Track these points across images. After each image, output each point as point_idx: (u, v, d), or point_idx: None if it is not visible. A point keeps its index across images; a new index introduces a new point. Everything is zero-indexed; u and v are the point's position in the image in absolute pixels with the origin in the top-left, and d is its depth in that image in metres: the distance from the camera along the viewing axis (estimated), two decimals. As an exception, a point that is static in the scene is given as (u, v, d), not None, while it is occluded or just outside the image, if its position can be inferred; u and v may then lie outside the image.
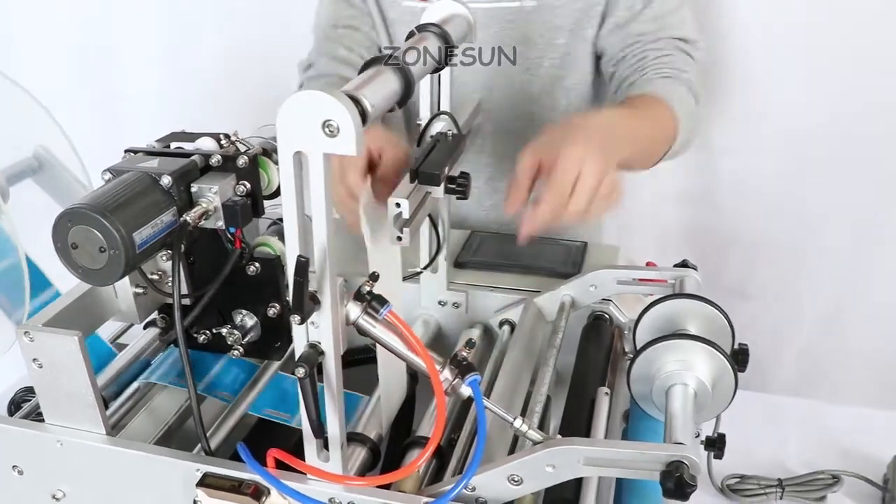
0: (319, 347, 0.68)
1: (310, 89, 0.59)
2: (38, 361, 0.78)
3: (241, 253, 0.82)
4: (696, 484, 0.66)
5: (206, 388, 0.89)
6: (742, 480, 1.11)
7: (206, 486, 0.75)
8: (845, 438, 1.20)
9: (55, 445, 0.81)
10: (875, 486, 1.10)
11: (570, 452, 0.70)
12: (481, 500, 0.73)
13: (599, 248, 1.20)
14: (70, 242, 0.72)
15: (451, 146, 0.84)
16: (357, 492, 0.73)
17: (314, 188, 0.62)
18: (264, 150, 0.82)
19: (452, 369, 0.75)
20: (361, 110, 0.62)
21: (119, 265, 0.72)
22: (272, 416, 0.89)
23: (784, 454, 1.18)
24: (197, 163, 0.80)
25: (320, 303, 0.66)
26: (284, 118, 0.60)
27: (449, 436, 0.87)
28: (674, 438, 0.74)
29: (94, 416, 0.80)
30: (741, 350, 0.89)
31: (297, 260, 0.64)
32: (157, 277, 0.84)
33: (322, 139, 0.59)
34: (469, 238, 1.22)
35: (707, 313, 0.89)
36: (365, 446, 0.84)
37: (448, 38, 0.84)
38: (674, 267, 0.98)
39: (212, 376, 0.90)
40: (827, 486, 1.10)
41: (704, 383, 0.81)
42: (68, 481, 0.83)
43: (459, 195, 0.88)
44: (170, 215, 0.76)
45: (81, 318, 0.83)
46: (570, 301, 1.02)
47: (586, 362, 0.97)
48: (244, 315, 0.86)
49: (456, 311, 1.08)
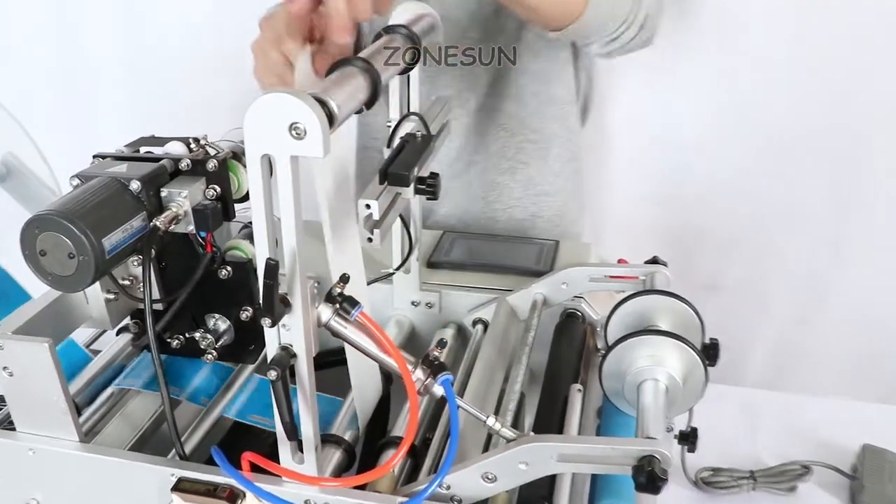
0: (291, 350, 0.68)
1: None
2: (9, 370, 0.77)
3: (213, 257, 0.80)
4: (667, 478, 0.66)
5: (180, 393, 0.88)
6: (715, 473, 1.12)
7: (181, 490, 0.74)
8: (815, 429, 1.20)
9: (27, 454, 0.80)
10: (844, 475, 1.11)
11: (543, 449, 0.69)
12: (456, 498, 0.73)
13: (571, 247, 1.19)
14: (38, 249, 0.71)
15: (420, 147, 0.83)
16: (332, 493, 0.73)
17: (283, 191, 0.62)
18: (234, 153, 0.81)
19: (425, 369, 0.74)
20: (328, 112, 0.61)
21: (89, 271, 0.71)
22: (258, 422, 0.87)
23: (756, 446, 1.18)
24: (166, 167, 0.79)
25: (291, 305, 0.66)
26: (251, 121, 0.59)
27: (424, 435, 0.87)
28: (645, 433, 0.74)
29: (66, 424, 0.78)
30: (712, 344, 0.89)
31: (266, 263, 0.63)
32: (129, 283, 0.82)
33: (289, 142, 0.59)
34: (441, 238, 1.21)
35: (677, 309, 0.88)
36: (340, 447, 0.83)
37: (416, 39, 0.83)
38: (644, 264, 0.98)
39: (185, 380, 0.89)
40: (798, 477, 1.10)
41: (675, 378, 0.81)
42: (42, 489, 0.82)
43: (429, 196, 0.87)
44: (139, 220, 0.75)
45: (52, 325, 0.82)
46: (542, 299, 1.01)
47: (559, 360, 0.96)
48: (217, 319, 0.85)
49: (429, 311, 1.07)
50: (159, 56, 1.89)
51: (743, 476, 1.10)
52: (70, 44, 1.92)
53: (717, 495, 1.11)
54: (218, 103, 1.30)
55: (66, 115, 1.97)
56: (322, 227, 0.76)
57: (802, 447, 1.16)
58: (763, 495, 1.10)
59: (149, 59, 1.90)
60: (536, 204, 1.42)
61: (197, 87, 1.87)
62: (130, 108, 1.95)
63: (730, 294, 1.78)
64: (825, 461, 1.11)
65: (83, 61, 1.94)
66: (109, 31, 1.89)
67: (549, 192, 1.43)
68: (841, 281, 1.76)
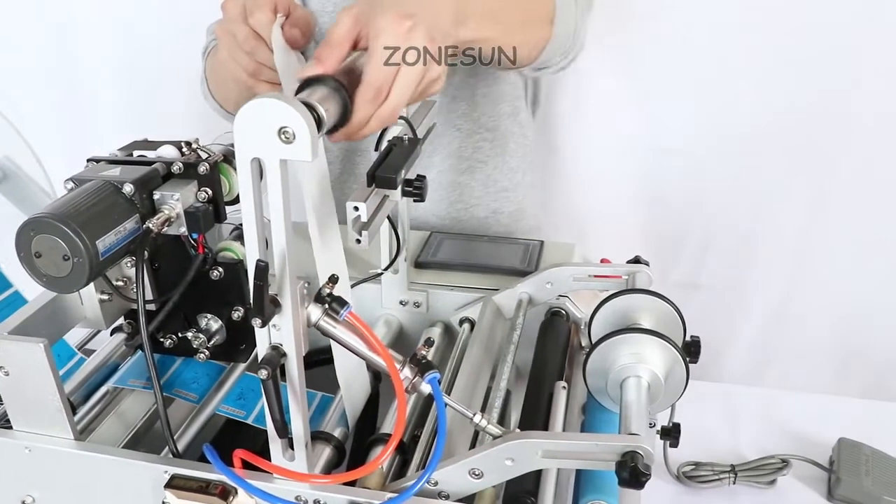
0: (281, 349, 0.68)
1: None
2: (5, 369, 0.77)
3: (205, 258, 0.81)
4: (650, 473, 0.67)
5: (173, 391, 0.88)
6: (697, 467, 1.12)
7: (174, 487, 0.75)
8: (794, 424, 1.21)
9: (23, 452, 0.80)
10: (821, 468, 1.12)
11: (529, 446, 0.70)
12: (444, 493, 0.73)
13: (556, 247, 1.20)
14: (34, 251, 0.71)
15: (407, 150, 0.84)
16: (322, 489, 0.73)
17: (272, 193, 0.62)
18: (225, 156, 0.81)
19: (412, 367, 0.74)
20: (317, 117, 0.62)
21: (83, 273, 0.71)
22: (230, 412, 0.88)
23: (736, 441, 1.19)
24: (159, 170, 0.79)
25: (281, 306, 0.66)
26: (241, 125, 0.60)
27: (412, 432, 0.87)
28: (628, 429, 0.74)
29: (61, 422, 0.79)
30: (693, 342, 0.90)
31: (256, 264, 0.64)
32: (122, 284, 0.83)
33: (278, 146, 0.59)
34: (429, 239, 1.22)
35: (659, 307, 0.89)
36: (330, 444, 0.83)
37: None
38: (627, 263, 0.99)
39: (178, 378, 0.90)
40: (777, 470, 1.11)
41: (657, 375, 0.82)
42: (38, 487, 0.82)
43: (416, 198, 0.88)
44: (133, 222, 0.76)
45: (47, 326, 0.82)
46: (527, 298, 1.02)
47: (544, 357, 0.97)
48: (209, 319, 0.86)
49: (417, 310, 1.08)
50: (152, 61, 1.88)
51: (724, 470, 1.11)
52: (65, 49, 1.91)
53: (699, 489, 1.12)
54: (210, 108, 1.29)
55: (60, 119, 1.97)
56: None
57: (781, 441, 1.17)
58: (743, 488, 1.11)
59: (142, 64, 1.89)
60: (497, 201, 1.42)
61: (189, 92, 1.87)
62: (124, 113, 1.95)
63: (710, 292, 1.79)
64: (803, 455, 1.12)
65: (78, 66, 1.93)
66: (103, 36, 1.88)
67: (509, 188, 1.43)
68: (818, 279, 1.77)
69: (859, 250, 1.72)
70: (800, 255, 1.76)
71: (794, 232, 1.74)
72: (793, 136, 1.63)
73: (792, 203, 1.70)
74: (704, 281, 1.80)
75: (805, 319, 1.82)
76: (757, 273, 1.79)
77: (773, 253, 1.76)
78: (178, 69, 1.87)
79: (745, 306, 1.83)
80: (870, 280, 1.74)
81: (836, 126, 1.62)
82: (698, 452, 1.14)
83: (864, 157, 1.64)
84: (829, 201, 1.70)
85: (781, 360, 1.85)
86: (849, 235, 1.71)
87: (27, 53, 1.91)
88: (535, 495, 0.76)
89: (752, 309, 1.83)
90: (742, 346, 1.86)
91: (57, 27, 1.89)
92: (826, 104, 1.59)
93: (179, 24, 1.84)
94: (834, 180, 1.67)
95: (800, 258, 1.76)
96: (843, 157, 1.65)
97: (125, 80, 1.93)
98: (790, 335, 1.83)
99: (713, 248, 1.77)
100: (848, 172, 1.66)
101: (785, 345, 1.84)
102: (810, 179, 1.67)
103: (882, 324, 1.78)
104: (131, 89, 1.93)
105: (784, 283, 1.79)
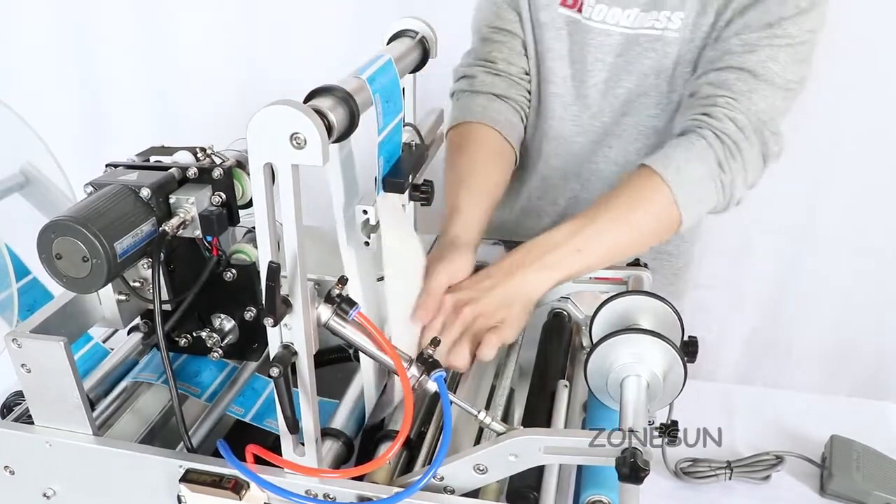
0: (293, 348, 0.67)
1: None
2: (27, 367, 0.76)
3: (218, 260, 0.80)
4: (649, 469, 0.66)
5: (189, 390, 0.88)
6: (694, 464, 1.11)
7: (188, 481, 0.74)
8: (787, 421, 1.20)
9: (45, 446, 0.79)
10: (814, 464, 1.11)
11: (531, 442, 0.70)
12: (449, 488, 0.73)
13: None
14: (55, 253, 0.71)
15: (415, 155, 0.83)
16: (332, 483, 0.73)
17: (284, 197, 0.61)
18: (238, 162, 0.80)
19: (419, 366, 0.74)
20: (327, 124, 0.61)
21: (102, 274, 0.70)
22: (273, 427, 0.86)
23: (732, 438, 1.18)
24: (175, 175, 0.78)
25: (292, 306, 0.66)
26: (254, 132, 0.59)
27: (419, 429, 0.86)
28: (628, 427, 0.74)
29: (80, 418, 0.78)
30: (690, 342, 0.89)
31: (269, 266, 0.63)
32: (139, 284, 0.82)
33: (290, 151, 0.59)
34: (435, 242, 1.21)
35: (658, 308, 0.88)
36: (339, 440, 0.83)
37: (426, 45, 0.83)
38: (627, 266, 0.99)
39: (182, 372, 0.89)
40: (771, 466, 1.10)
41: (656, 374, 0.81)
42: (58, 480, 0.82)
43: (423, 202, 0.87)
44: (149, 225, 0.75)
45: (67, 325, 0.82)
46: (530, 299, 1.01)
47: (547, 357, 0.96)
48: (223, 319, 0.85)
49: (424, 310, 1.07)
50: (169, 71, 1.89)
51: (720, 466, 1.10)
52: (85, 59, 1.91)
53: (696, 484, 1.10)
54: (224, 114, 1.29)
55: (80, 126, 1.97)
56: (319, 231, 0.76)
57: (775, 438, 1.16)
58: (739, 484, 1.10)
59: (159, 74, 1.90)
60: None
61: (204, 100, 1.87)
62: (142, 120, 1.95)
63: (706, 293, 1.78)
64: (796, 451, 1.11)
65: (98, 76, 1.93)
66: (123, 47, 1.89)
67: None
68: (811, 281, 1.76)
69: (850, 253, 1.71)
70: (792, 258, 1.75)
71: (787, 234, 1.73)
72: (787, 137, 1.61)
73: (784, 205, 1.69)
74: (700, 282, 1.78)
75: (797, 322, 1.81)
76: (750, 275, 1.78)
77: (766, 255, 1.75)
78: (194, 79, 1.87)
79: (739, 308, 1.82)
80: (861, 281, 1.73)
81: (830, 128, 1.60)
82: (695, 449, 1.13)
83: (855, 159, 1.63)
84: (822, 204, 1.69)
85: (774, 360, 1.84)
86: (841, 238, 1.70)
87: (50, 63, 1.92)
88: (538, 490, 0.75)
89: (747, 311, 1.82)
90: (737, 347, 1.85)
91: (78, 37, 1.89)
92: (820, 104, 1.57)
93: (197, 35, 1.85)
94: (827, 181, 1.66)
95: (792, 261, 1.75)
96: (836, 159, 1.64)
97: (142, 88, 1.93)
98: (783, 337, 1.82)
99: (707, 249, 1.76)
100: (840, 173, 1.65)
101: (778, 346, 1.84)
102: (803, 181, 1.66)
103: (872, 324, 1.77)
104: (149, 97, 1.93)
105: (777, 285, 1.78)
